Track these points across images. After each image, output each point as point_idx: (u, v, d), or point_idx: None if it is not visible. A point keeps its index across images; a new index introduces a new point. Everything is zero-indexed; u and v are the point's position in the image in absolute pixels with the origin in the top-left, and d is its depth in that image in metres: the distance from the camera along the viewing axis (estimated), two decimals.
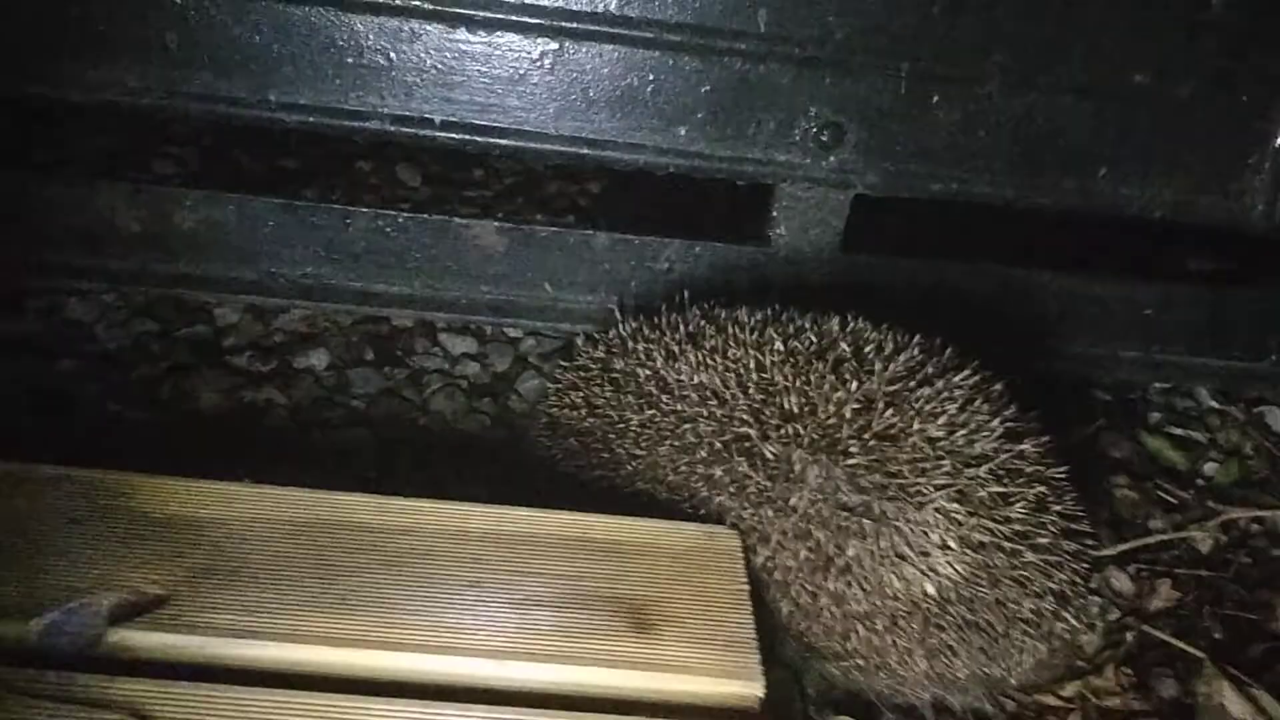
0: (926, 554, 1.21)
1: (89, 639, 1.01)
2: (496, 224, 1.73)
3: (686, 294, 1.48)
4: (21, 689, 0.94)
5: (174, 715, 0.94)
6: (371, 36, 1.49)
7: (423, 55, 1.51)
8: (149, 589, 1.06)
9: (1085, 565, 1.30)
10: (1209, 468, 1.85)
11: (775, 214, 1.70)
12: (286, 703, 0.97)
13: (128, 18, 1.46)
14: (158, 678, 0.98)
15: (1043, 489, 1.27)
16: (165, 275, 1.71)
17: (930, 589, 1.22)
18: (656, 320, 1.46)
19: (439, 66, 1.52)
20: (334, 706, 0.97)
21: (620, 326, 1.48)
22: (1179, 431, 1.92)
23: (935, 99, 1.60)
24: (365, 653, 1.05)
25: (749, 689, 1.08)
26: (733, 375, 1.33)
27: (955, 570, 1.21)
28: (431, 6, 1.48)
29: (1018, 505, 1.23)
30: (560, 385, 1.51)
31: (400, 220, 1.70)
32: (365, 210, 1.70)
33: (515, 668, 1.06)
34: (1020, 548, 1.23)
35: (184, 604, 1.05)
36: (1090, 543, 1.31)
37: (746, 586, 1.19)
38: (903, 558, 1.21)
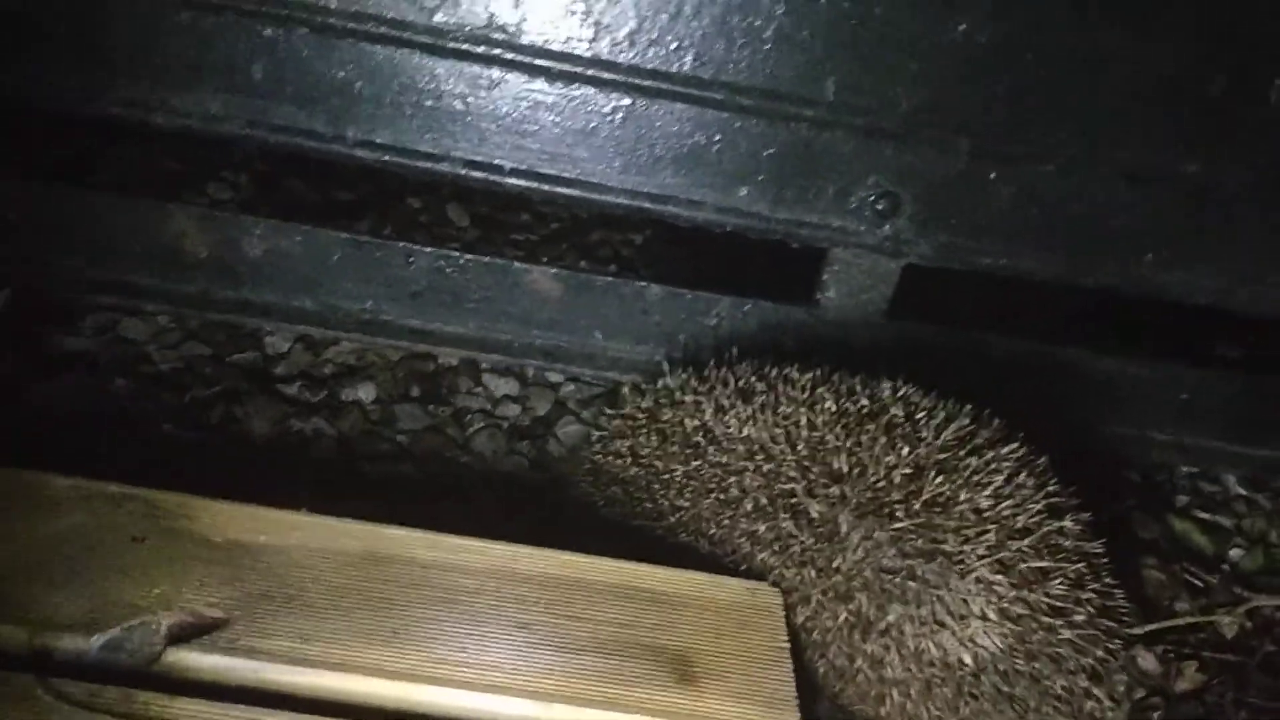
0: (966, 623, 1.22)
1: (147, 657, 1.03)
2: (554, 270, 1.76)
3: (735, 350, 1.51)
4: (81, 702, 0.96)
5: None
6: (452, 81, 1.52)
7: (499, 102, 1.54)
8: (207, 611, 1.07)
9: (1119, 645, 1.31)
10: (1235, 553, 1.85)
11: (826, 277, 1.73)
12: None
13: (217, 46, 1.49)
14: (212, 699, 0.99)
15: (1082, 566, 1.28)
16: (226, 301, 1.74)
17: (967, 658, 1.23)
18: (706, 373, 1.48)
19: (514, 114, 1.55)
20: None
21: (669, 377, 1.50)
22: (1206, 516, 1.93)
23: (993, 175, 1.63)
24: (414, 686, 1.06)
25: None
26: (782, 432, 1.34)
27: (993, 641, 1.22)
28: (513, 56, 1.51)
29: (1057, 581, 1.24)
30: (606, 433, 1.53)
31: (461, 261, 1.73)
32: (428, 250, 1.73)
33: (560, 711, 1.08)
34: (1057, 623, 1.24)
35: (240, 628, 1.07)
36: (1124, 622, 1.32)
37: (787, 645, 1.20)
38: (942, 625, 1.23)
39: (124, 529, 1.14)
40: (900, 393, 1.39)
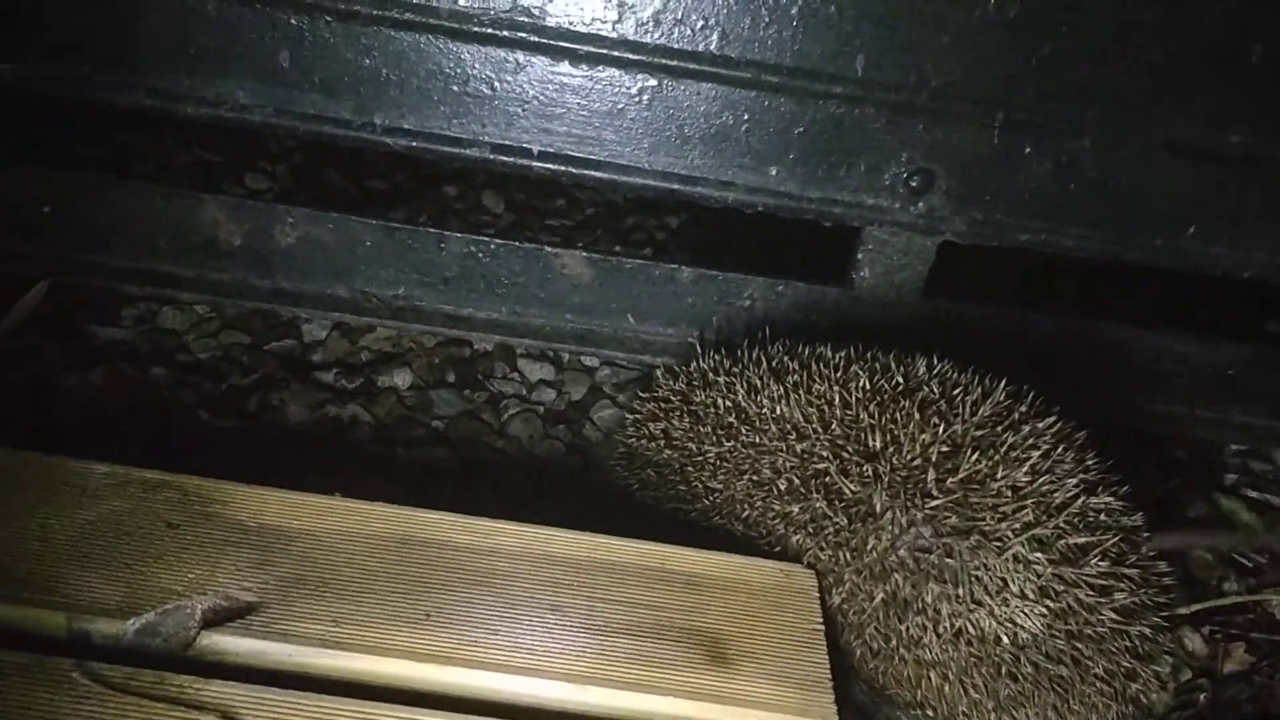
0: (1005, 602, 1.20)
1: (182, 641, 1.04)
2: (585, 254, 1.76)
3: (768, 330, 1.50)
4: (118, 685, 0.97)
5: None
6: (478, 66, 1.52)
7: (525, 86, 1.54)
8: (241, 595, 1.08)
9: (1162, 624, 1.29)
10: None
11: (860, 257, 1.71)
12: (373, 715, 0.99)
13: (244, 36, 1.50)
14: (246, 682, 1.00)
15: (1122, 542, 1.26)
16: (261, 289, 1.75)
17: (1005, 638, 1.21)
18: (739, 354, 1.47)
19: (540, 98, 1.55)
20: None
21: (701, 359, 1.49)
22: (1254, 494, 1.90)
23: (1027, 150, 1.60)
24: (448, 669, 1.07)
25: None
26: (815, 411, 1.33)
27: (1032, 620, 1.20)
28: (538, 39, 1.51)
29: (1097, 558, 1.22)
30: (639, 416, 1.53)
31: (492, 246, 1.73)
32: (459, 235, 1.73)
33: (595, 693, 1.08)
34: (1098, 602, 1.22)
35: (274, 612, 1.08)
36: (1167, 600, 1.30)
37: (822, 626, 1.19)
38: (980, 604, 1.21)
39: (159, 515, 1.15)
40: (936, 370, 1.38)
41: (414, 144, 1.58)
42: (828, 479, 1.28)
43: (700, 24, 1.50)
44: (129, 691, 0.96)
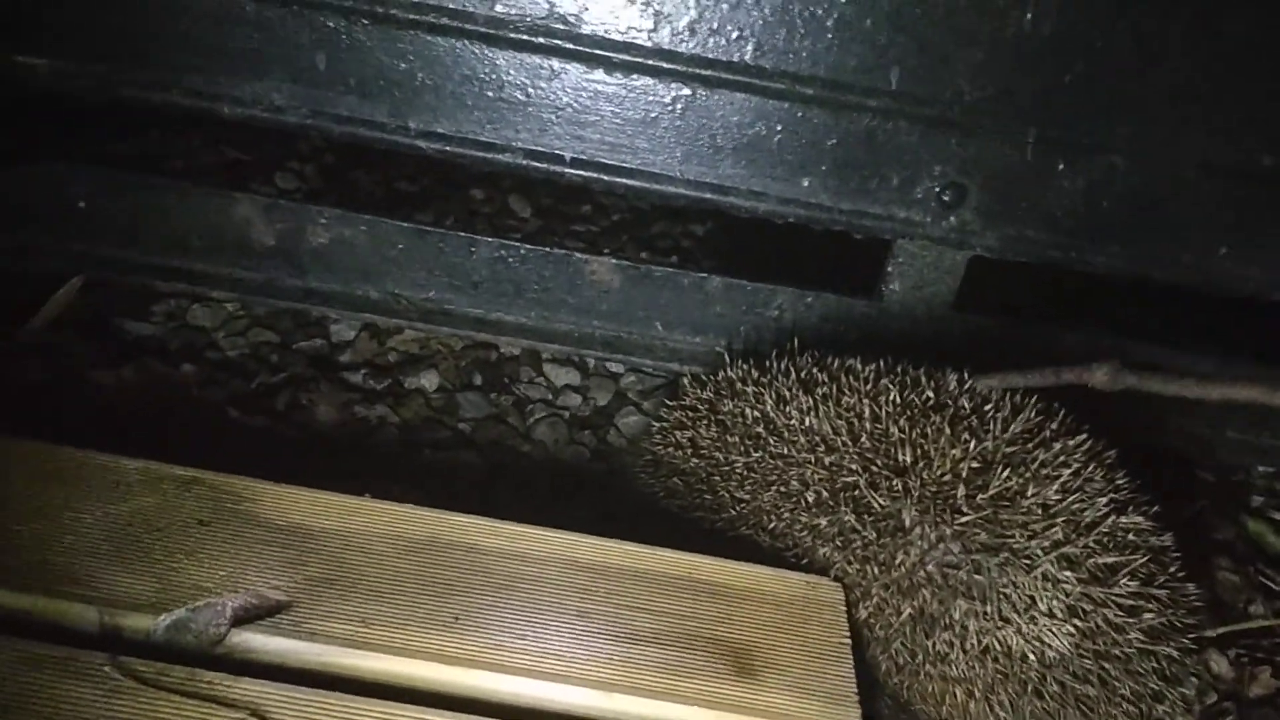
0: (1033, 620, 1.20)
1: (212, 638, 1.05)
2: (614, 261, 1.76)
3: (796, 341, 1.50)
4: (148, 680, 0.97)
5: (292, 719, 0.97)
6: (513, 72, 1.53)
7: (560, 93, 1.54)
8: (271, 594, 1.09)
9: (1189, 645, 1.28)
10: None
11: (890, 269, 1.71)
12: (399, 716, 0.99)
13: (281, 37, 1.51)
14: (275, 680, 1.00)
15: (1151, 563, 1.25)
16: (292, 289, 1.76)
17: (1032, 656, 1.21)
18: (767, 364, 1.47)
19: (574, 105, 1.55)
20: None
21: (729, 369, 1.49)
22: None
23: (1060, 166, 1.60)
24: (475, 673, 1.07)
25: None
26: (845, 424, 1.33)
27: (1059, 639, 1.20)
28: (573, 46, 1.51)
29: (1126, 578, 1.22)
30: (666, 424, 1.52)
31: (522, 251, 1.74)
32: (490, 240, 1.74)
33: (620, 700, 1.08)
34: (1127, 622, 1.21)
35: (303, 611, 1.08)
36: (1195, 622, 1.29)
37: (848, 640, 1.19)
38: (1007, 621, 1.20)
39: (191, 512, 1.16)
40: (966, 385, 1.37)
41: (447, 148, 1.58)
42: (856, 492, 1.28)
43: (735, 34, 1.50)
44: (160, 687, 0.97)
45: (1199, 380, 1.45)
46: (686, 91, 1.55)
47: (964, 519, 1.22)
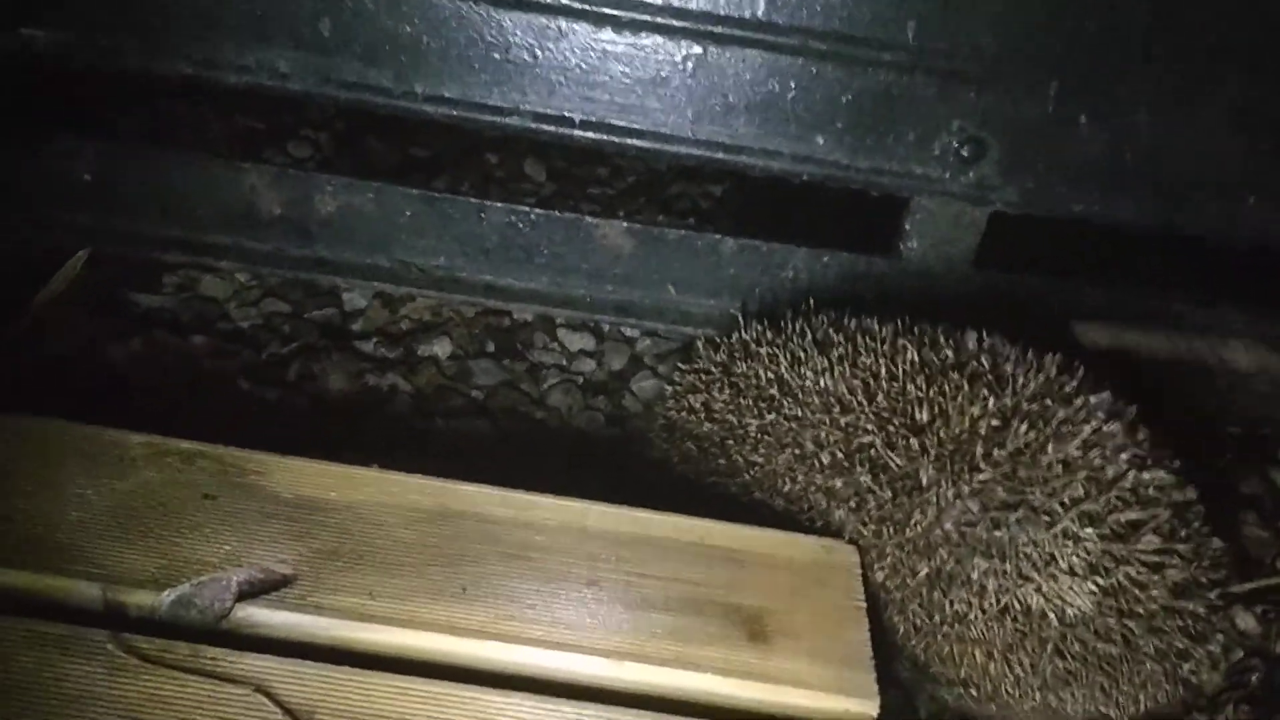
0: (1053, 578, 1.17)
1: (217, 613, 1.04)
2: (626, 224, 1.73)
3: (812, 301, 1.47)
4: (153, 658, 0.97)
5: (299, 694, 0.96)
6: (519, 33, 1.50)
7: (568, 54, 1.52)
8: (277, 568, 1.08)
9: (1215, 602, 1.25)
10: None
11: (908, 227, 1.68)
12: (408, 689, 0.98)
13: (285, 3, 1.49)
14: (281, 655, 1.00)
15: (1174, 519, 1.22)
16: (301, 258, 1.74)
17: (1052, 615, 1.18)
18: (782, 326, 1.44)
19: (583, 65, 1.52)
20: (454, 696, 0.99)
21: (744, 331, 1.47)
22: None
23: (1082, 118, 1.56)
24: (484, 644, 1.06)
25: (864, 707, 1.07)
26: (860, 383, 1.31)
27: (1081, 598, 1.18)
28: (580, 6, 1.48)
29: (1149, 534, 1.19)
30: (679, 387, 1.50)
31: (532, 216, 1.72)
32: (499, 205, 1.72)
33: (631, 669, 1.06)
34: (1150, 579, 1.19)
35: (310, 585, 1.07)
36: (1221, 578, 1.27)
37: (864, 603, 1.17)
38: (1026, 579, 1.18)
39: (195, 486, 1.15)
40: (986, 343, 1.34)
41: (455, 112, 1.56)
42: (873, 452, 1.26)
43: None
44: (163, 664, 0.96)
45: None
46: (697, 49, 1.52)
47: (982, 476, 1.19)
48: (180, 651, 0.97)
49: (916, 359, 1.31)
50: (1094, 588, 1.17)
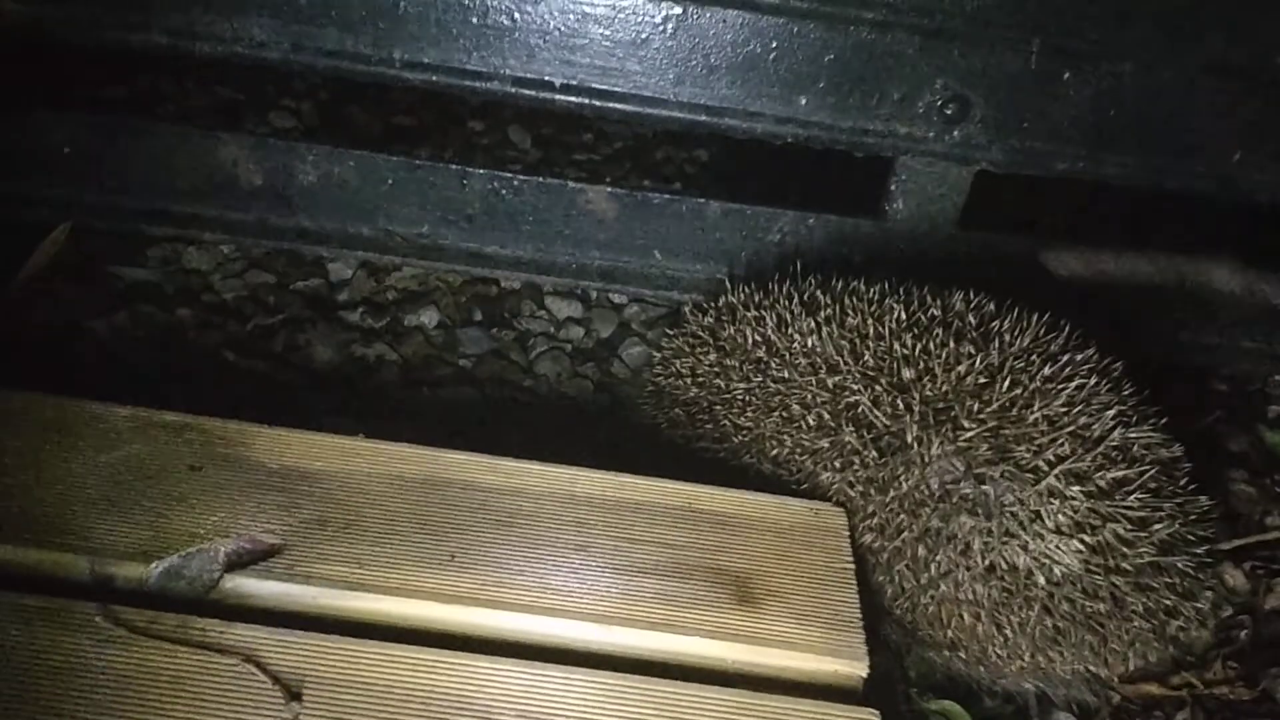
0: (1039, 536, 1.18)
1: (206, 584, 1.04)
2: (610, 189, 1.72)
3: (799, 264, 1.47)
4: (141, 629, 0.97)
5: (287, 663, 0.96)
6: None
7: (546, 17, 1.50)
8: (265, 538, 1.08)
9: (1203, 559, 1.26)
10: None
11: (894, 187, 1.67)
12: (397, 656, 0.98)
13: None
14: (269, 624, 1.00)
15: (1161, 475, 1.23)
16: (284, 229, 1.74)
17: (1040, 575, 1.19)
18: (769, 288, 1.44)
19: (562, 29, 1.51)
20: (442, 663, 0.99)
21: (730, 294, 1.47)
22: None
23: (1066, 75, 1.55)
24: (473, 610, 1.06)
25: (852, 668, 1.07)
26: (847, 343, 1.30)
27: (1066, 555, 1.18)
28: None
29: (1135, 491, 1.19)
30: (667, 353, 1.50)
31: (515, 183, 1.71)
32: (482, 171, 1.70)
33: (619, 633, 1.06)
34: (1137, 536, 1.19)
35: (298, 554, 1.07)
36: (1209, 534, 1.27)
37: (852, 565, 1.17)
38: (1012, 537, 1.18)
39: (182, 457, 1.14)
40: (972, 302, 1.34)
41: (434, 78, 1.54)
42: (859, 412, 1.26)
43: None
44: (152, 635, 0.96)
45: None
46: (677, 10, 1.51)
47: (967, 434, 1.19)
48: (169, 622, 0.97)
49: (903, 318, 1.31)
50: (1080, 545, 1.17)
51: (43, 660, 0.93)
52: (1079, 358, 1.26)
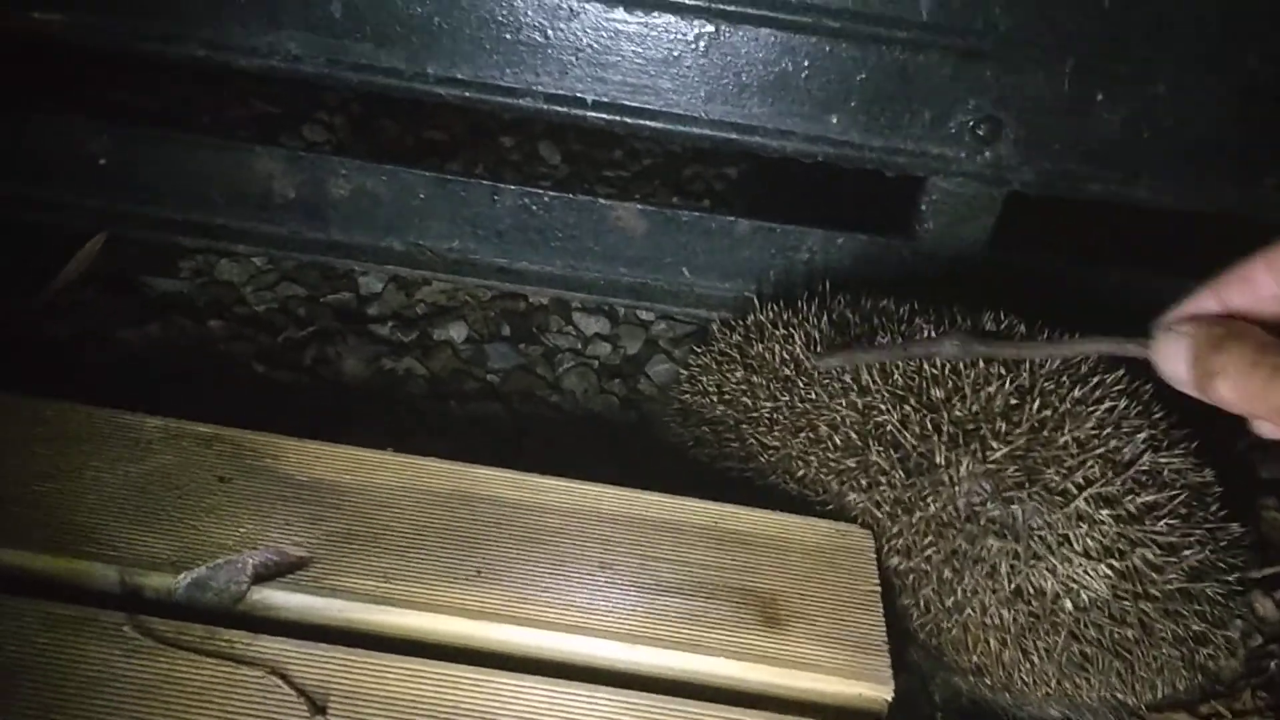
0: (1067, 560, 1.16)
1: (233, 596, 1.04)
2: (640, 206, 1.73)
3: (828, 284, 1.47)
4: (168, 640, 0.97)
5: (313, 676, 0.96)
6: (530, 13, 1.49)
7: (579, 34, 1.50)
8: (292, 550, 1.08)
9: (1233, 587, 1.25)
10: None
11: (924, 208, 1.66)
12: (422, 672, 0.98)
13: None
14: (296, 637, 1.00)
15: (1191, 501, 1.22)
16: (316, 242, 1.74)
17: (1068, 600, 1.18)
18: (798, 307, 1.44)
19: (594, 45, 1.51)
20: (467, 679, 0.99)
21: (758, 312, 1.46)
22: None
23: (1099, 96, 1.55)
24: (498, 627, 1.06)
25: (878, 692, 1.06)
26: (876, 363, 1.30)
27: (1094, 580, 1.16)
28: None
29: (1166, 516, 1.18)
30: (694, 370, 1.50)
31: (546, 199, 1.71)
32: (513, 187, 1.71)
33: (644, 652, 1.06)
34: (1167, 562, 1.18)
35: (324, 567, 1.07)
36: (1240, 562, 1.26)
37: (878, 587, 1.17)
38: (1039, 559, 1.17)
39: (211, 469, 1.15)
40: (1003, 325, 1.34)
41: (467, 94, 1.55)
42: (887, 433, 1.25)
43: None
44: (179, 646, 0.97)
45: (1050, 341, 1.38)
46: (710, 28, 1.51)
47: (996, 455, 1.18)
48: (196, 633, 0.98)
49: (933, 338, 1.30)
50: (1109, 571, 1.16)
51: (71, 669, 0.93)
52: (1109, 379, 1.25)
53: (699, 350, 1.51)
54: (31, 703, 0.91)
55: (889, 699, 1.06)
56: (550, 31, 1.51)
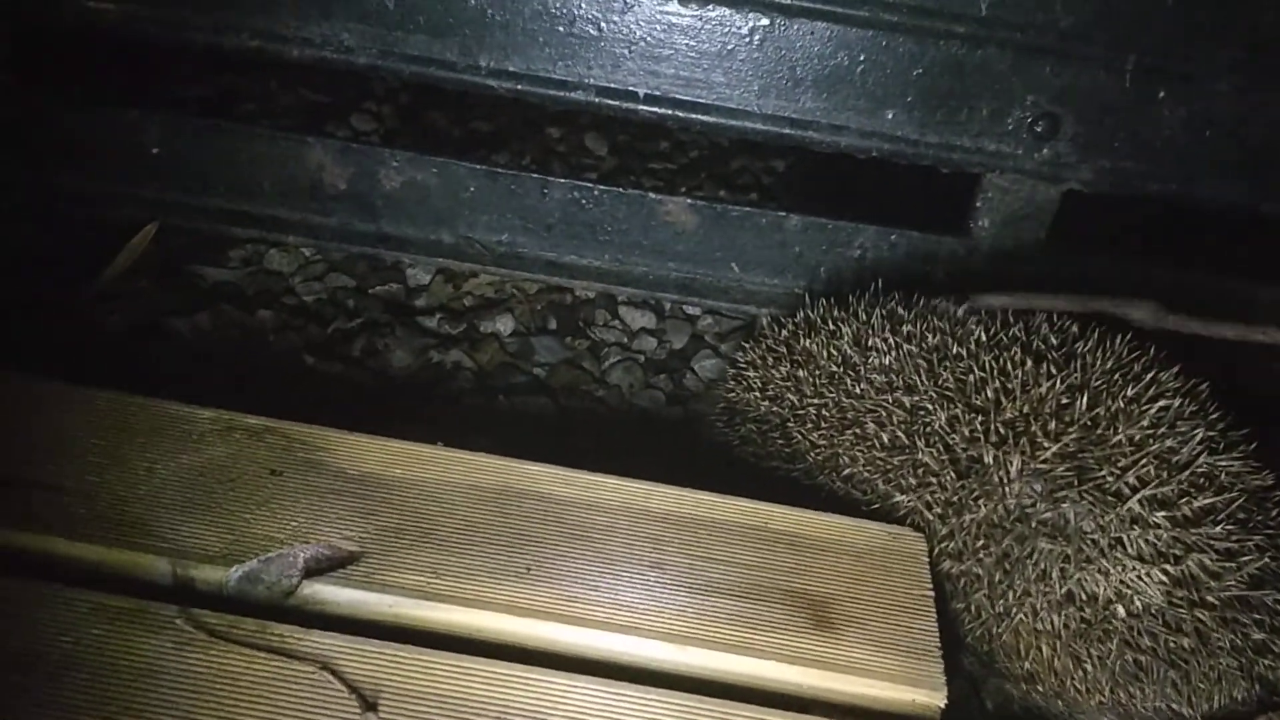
0: (1120, 564, 1.14)
1: (284, 590, 1.04)
2: (690, 201, 1.71)
3: (880, 282, 1.45)
4: (219, 633, 0.97)
5: (363, 672, 0.96)
6: (584, 5, 1.48)
7: (633, 26, 1.50)
8: (343, 545, 1.08)
9: None
10: None
11: (979, 205, 1.64)
12: (473, 669, 0.98)
13: None
14: (346, 632, 1.00)
15: (1250, 505, 1.18)
16: (366, 233, 1.74)
17: (1120, 607, 1.15)
18: (847, 304, 1.42)
19: (648, 39, 1.50)
20: (517, 677, 0.98)
21: (808, 309, 1.45)
22: None
23: (1160, 94, 1.52)
24: (547, 624, 1.05)
25: (931, 698, 1.05)
26: (925, 362, 1.28)
27: (1148, 585, 1.14)
28: None
29: (1223, 520, 1.15)
30: (741, 367, 1.49)
31: (596, 192, 1.70)
32: (563, 181, 1.70)
33: (695, 654, 1.05)
34: (1224, 568, 1.15)
35: (374, 562, 1.07)
36: None
37: (931, 591, 1.16)
38: (1091, 562, 1.15)
39: (263, 462, 1.15)
40: (1056, 323, 1.31)
41: (519, 86, 1.54)
42: (936, 433, 1.23)
43: None
44: (230, 640, 0.97)
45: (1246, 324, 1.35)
46: (764, 21, 1.50)
47: (1047, 456, 1.16)
48: (247, 627, 0.98)
49: (984, 338, 1.28)
50: (1163, 576, 1.13)
51: (123, 660, 0.94)
52: (1164, 376, 1.23)
53: (748, 345, 1.50)
54: (84, 694, 0.91)
55: (942, 705, 1.05)
56: (604, 24, 1.50)
